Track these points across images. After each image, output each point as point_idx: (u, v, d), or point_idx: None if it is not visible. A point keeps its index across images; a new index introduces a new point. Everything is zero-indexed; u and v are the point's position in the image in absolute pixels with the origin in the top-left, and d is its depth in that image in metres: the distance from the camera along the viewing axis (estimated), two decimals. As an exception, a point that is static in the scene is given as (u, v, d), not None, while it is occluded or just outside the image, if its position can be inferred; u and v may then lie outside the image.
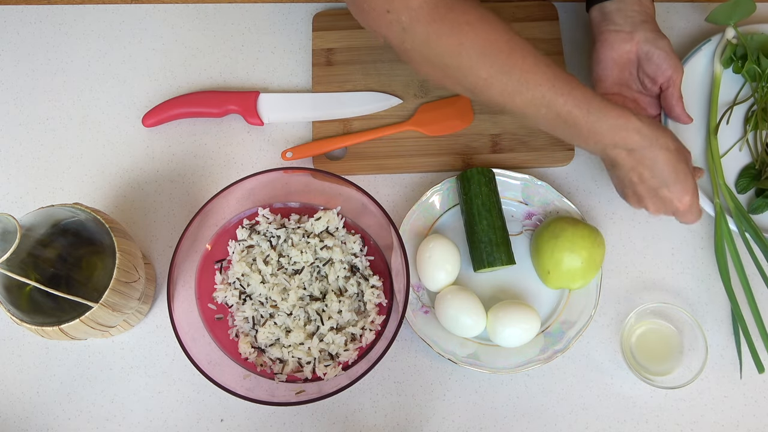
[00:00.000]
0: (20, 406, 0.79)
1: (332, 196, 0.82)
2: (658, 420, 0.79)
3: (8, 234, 0.61)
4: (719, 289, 0.83)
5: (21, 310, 0.67)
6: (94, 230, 0.70)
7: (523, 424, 0.79)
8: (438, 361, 0.81)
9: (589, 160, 0.89)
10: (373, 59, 0.91)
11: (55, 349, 0.81)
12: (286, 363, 0.78)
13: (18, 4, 0.95)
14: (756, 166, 0.86)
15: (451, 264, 0.80)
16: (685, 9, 0.96)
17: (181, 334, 0.73)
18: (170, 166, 0.88)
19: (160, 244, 0.85)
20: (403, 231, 0.83)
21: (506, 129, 0.88)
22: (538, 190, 0.85)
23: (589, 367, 0.81)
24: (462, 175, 0.83)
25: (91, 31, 0.94)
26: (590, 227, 0.80)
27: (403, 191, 0.88)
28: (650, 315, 0.80)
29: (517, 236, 0.85)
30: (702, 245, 0.85)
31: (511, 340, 0.78)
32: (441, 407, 0.79)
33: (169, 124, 0.90)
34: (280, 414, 0.79)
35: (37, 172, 0.88)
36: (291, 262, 0.80)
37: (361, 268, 0.81)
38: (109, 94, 0.91)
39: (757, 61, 0.87)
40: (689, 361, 0.78)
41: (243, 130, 0.90)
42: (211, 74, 0.92)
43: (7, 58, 0.93)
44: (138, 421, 0.79)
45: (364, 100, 0.89)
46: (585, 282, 0.79)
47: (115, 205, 0.87)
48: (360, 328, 0.79)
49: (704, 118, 0.89)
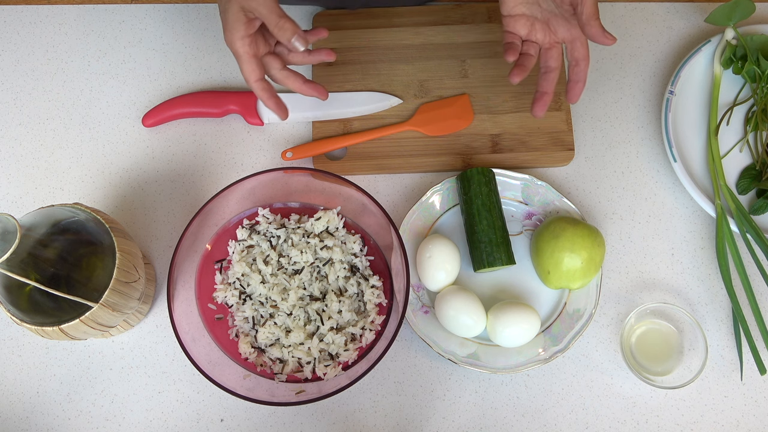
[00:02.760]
0: (20, 406, 0.79)
1: (332, 196, 0.82)
2: (658, 420, 0.79)
3: (8, 234, 0.61)
4: (719, 289, 0.83)
5: (21, 310, 0.67)
6: (94, 230, 0.70)
7: (523, 424, 0.79)
8: (438, 361, 0.81)
9: (589, 160, 0.89)
10: (373, 59, 0.91)
11: (55, 349, 0.81)
12: (286, 363, 0.78)
13: (18, 4, 0.95)
14: (756, 167, 0.86)
15: (451, 264, 0.80)
16: (685, 9, 0.96)
17: (181, 334, 0.73)
18: (170, 166, 0.88)
19: (160, 244, 0.85)
20: (403, 231, 0.83)
21: (506, 129, 0.88)
22: (538, 190, 0.85)
23: (589, 367, 0.81)
24: (462, 175, 0.83)
25: (91, 31, 0.94)
26: (590, 227, 0.80)
27: (403, 191, 0.88)
28: (650, 315, 0.80)
29: (517, 236, 0.85)
30: (702, 245, 0.85)
31: (511, 340, 0.78)
32: (441, 407, 0.79)
33: (169, 124, 0.90)
34: (280, 414, 0.79)
35: (37, 172, 0.88)
36: (291, 262, 0.80)
37: (361, 268, 0.81)
38: (109, 94, 0.91)
39: (756, 62, 0.87)
40: (689, 361, 0.78)
41: (243, 130, 0.90)
42: (211, 74, 0.92)
43: (7, 58, 0.93)
44: (138, 421, 0.79)
45: (364, 100, 0.89)
46: (585, 282, 0.79)
47: (115, 205, 0.87)
48: (360, 328, 0.79)
49: (704, 119, 0.89)
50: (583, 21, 0.72)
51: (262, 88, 0.77)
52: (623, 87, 0.92)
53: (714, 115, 0.88)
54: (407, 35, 0.92)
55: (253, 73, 0.75)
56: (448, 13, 0.93)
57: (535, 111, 0.78)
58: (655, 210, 0.87)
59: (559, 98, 0.89)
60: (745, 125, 0.89)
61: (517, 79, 0.77)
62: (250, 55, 0.74)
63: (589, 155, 0.89)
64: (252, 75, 0.75)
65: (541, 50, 0.79)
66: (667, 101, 0.88)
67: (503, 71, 0.91)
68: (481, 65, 0.91)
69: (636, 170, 0.89)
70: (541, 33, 0.77)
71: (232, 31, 0.73)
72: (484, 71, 0.91)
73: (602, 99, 0.92)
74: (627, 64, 0.93)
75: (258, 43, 0.75)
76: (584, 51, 0.76)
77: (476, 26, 0.92)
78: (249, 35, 0.73)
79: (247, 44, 0.74)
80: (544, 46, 0.78)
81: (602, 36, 0.73)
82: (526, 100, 0.89)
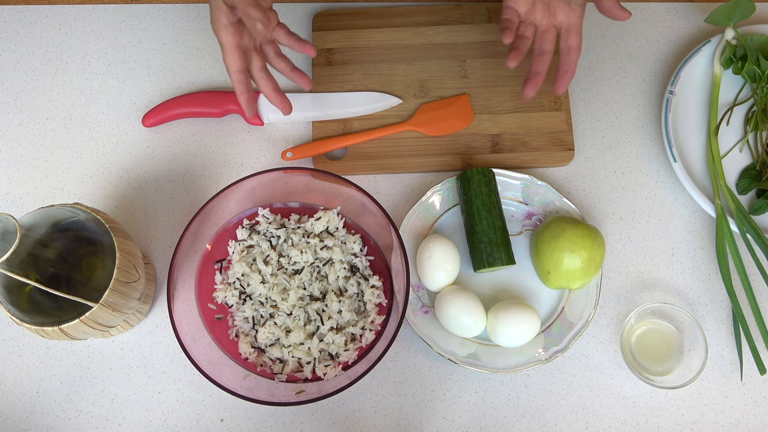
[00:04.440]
0: (20, 406, 0.79)
1: (332, 196, 0.82)
2: (658, 420, 0.79)
3: (8, 234, 0.61)
4: (719, 289, 0.83)
5: (21, 310, 0.67)
6: (94, 230, 0.70)
7: (523, 424, 0.79)
8: (438, 361, 0.81)
9: (589, 160, 0.89)
10: (373, 59, 0.91)
11: (55, 349, 0.81)
12: (286, 363, 0.78)
13: (18, 4, 0.95)
14: (756, 167, 0.86)
15: (451, 264, 0.80)
16: (685, 9, 0.96)
17: (181, 334, 0.73)
18: (170, 166, 0.88)
19: (160, 244, 0.85)
20: (403, 231, 0.83)
21: (506, 129, 0.88)
22: (538, 190, 0.85)
23: (589, 367, 0.81)
24: (462, 175, 0.83)
25: (91, 31, 0.94)
26: (590, 227, 0.80)
27: (403, 191, 0.88)
28: (650, 315, 0.80)
29: (517, 236, 0.85)
30: (702, 245, 0.85)
31: (511, 340, 0.78)
32: (441, 407, 0.79)
33: (169, 124, 0.90)
34: (280, 414, 0.79)
35: (37, 172, 0.88)
36: (291, 262, 0.80)
37: (361, 268, 0.81)
38: (109, 94, 0.91)
39: (756, 62, 0.87)
40: (689, 361, 0.78)
41: (243, 130, 0.90)
42: (211, 74, 0.92)
43: (7, 58, 0.93)
44: (138, 421, 0.79)
45: (364, 100, 0.89)
46: (585, 282, 0.79)
47: (115, 205, 0.87)
48: (360, 328, 0.79)
49: (704, 119, 0.89)
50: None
51: (240, 81, 0.77)
52: (623, 87, 0.92)
53: (714, 115, 0.88)
54: (407, 35, 0.92)
55: (233, 63, 0.75)
56: (448, 13, 0.93)
57: (526, 90, 0.78)
58: (655, 210, 0.87)
59: (559, 98, 0.89)
60: (745, 125, 0.89)
61: (513, 63, 0.77)
62: (232, 45, 0.75)
63: (589, 155, 0.89)
64: (232, 65, 0.76)
65: (537, 32, 0.79)
66: (667, 101, 0.88)
67: (503, 71, 0.91)
68: (481, 65, 0.91)
69: (636, 170, 0.89)
70: (540, 13, 0.78)
71: (216, 20, 0.73)
72: (484, 71, 0.91)
73: (602, 99, 0.92)
74: (627, 64, 0.93)
75: (242, 34, 0.75)
76: (578, 40, 0.77)
77: (476, 26, 0.92)
78: (231, 24, 0.74)
79: (230, 34, 0.74)
80: (541, 28, 0.78)
81: (618, 9, 0.73)
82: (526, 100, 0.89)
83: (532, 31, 0.79)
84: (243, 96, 0.77)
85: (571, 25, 0.77)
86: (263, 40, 0.78)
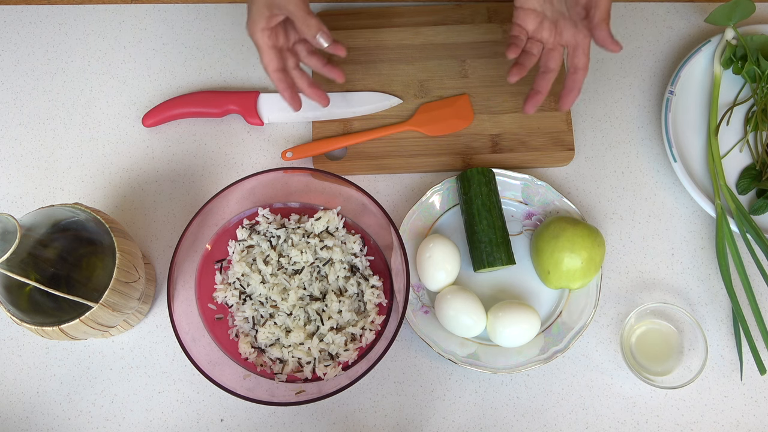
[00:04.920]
0: (20, 406, 0.79)
1: (332, 196, 0.82)
2: (658, 420, 0.79)
3: (8, 234, 0.61)
4: (719, 289, 0.84)
5: (21, 310, 0.67)
6: (94, 230, 0.70)
7: (523, 424, 0.79)
8: (438, 361, 0.81)
9: (589, 160, 0.89)
10: (373, 59, 0.91)
11: (55, 349, 0.81)
12: (286, 363, 0.78)
13: (18, 4, 0.95)
14: (756, 167, 0.87)
15: (451, 264, 0.80)
16: (685, 9, 0.96)
17: (181, 334, 0.73)
18: (170, 166, 0.88)
19: (160, 244, 0.85)
20: (403, 231, 0.83)
21: (506, 129, 0.88)
22: (538, 190, 0.85)
23: (589, 367, 0.81)
24: (462, 175, 0.83)
25: (91, 31, 0.94)
26: (590, 227, 0.80)
27: (403, 191, 0.88)
28: (650, 315, 0.80)
29: (517, 236, 0.85)
30: (702, 245, 0.85)
31: (511, 340, 0.78)
32: (441, 407, 0.80)
33: (169, 124, 0.90)
34: (280, 414, 0.79)
35: (37, 172, 0.88)
36: (291, 262, 0.80)
37: (361, 268, 0.81)
38: (109, 94, 0.91)
39: (756, 62, 0.87)
40: (689, 361, 0.78)
41: (243, 130, 0.90)
42: (211, 74, 0.92)
43: (7, 58, 0.93)
44: (138, 421, 0.79)
45: (364, 100, 0.89)
46: (585, 282, 0.79)
47: (115, 205, 0.87)
48: (360, 328, 0.79)
49: (704, 119, 0.89)
50: (594, 23, 0.74)
51: (280, 79, 0.79)
52: (623, 87, 0.92)
53: (714, 115, 0.88)
54: (407, 35, 0.92)
55: (271, 63, 0.78)
56: (448, 13, 0.93)
57: (526, 107, 0.80)
58: (655, 210, 0.87)
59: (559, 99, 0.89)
60: (745, 125, 0.89)
61: (514, 78, 0.79)
62: (269, 46, 0.77)
63: (589, 155, 0.89)
64: (270, 65, 0.78)
65: (544, 50, 0.80)
66: (667, 101, 0.88)
67: (503, 71, 0.91)
68: (481, 65, 0.91)
69: (636, 170, 0.89)
70: (548, 32, 0.78)
71: (254, 23, 0.76)
72: (484, 71, 0.91)
73: (602, 99, 0.92)
74: (627, 64, 0.93)
75: (278, 36, 0.78)
76: (585, 60, 0.77)
77: (476, 26, 0.92)
78: (269, 28, 0.76)
79: (266, 36, 0.77)
80: (548, 46, 0.79)
81: (610, 41, 0.74)
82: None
83: (539, 48, 0.80)
84: (286, 92, 0.80)
85: (578, 44, 0.77)
86: (296, 40, 0.80)
